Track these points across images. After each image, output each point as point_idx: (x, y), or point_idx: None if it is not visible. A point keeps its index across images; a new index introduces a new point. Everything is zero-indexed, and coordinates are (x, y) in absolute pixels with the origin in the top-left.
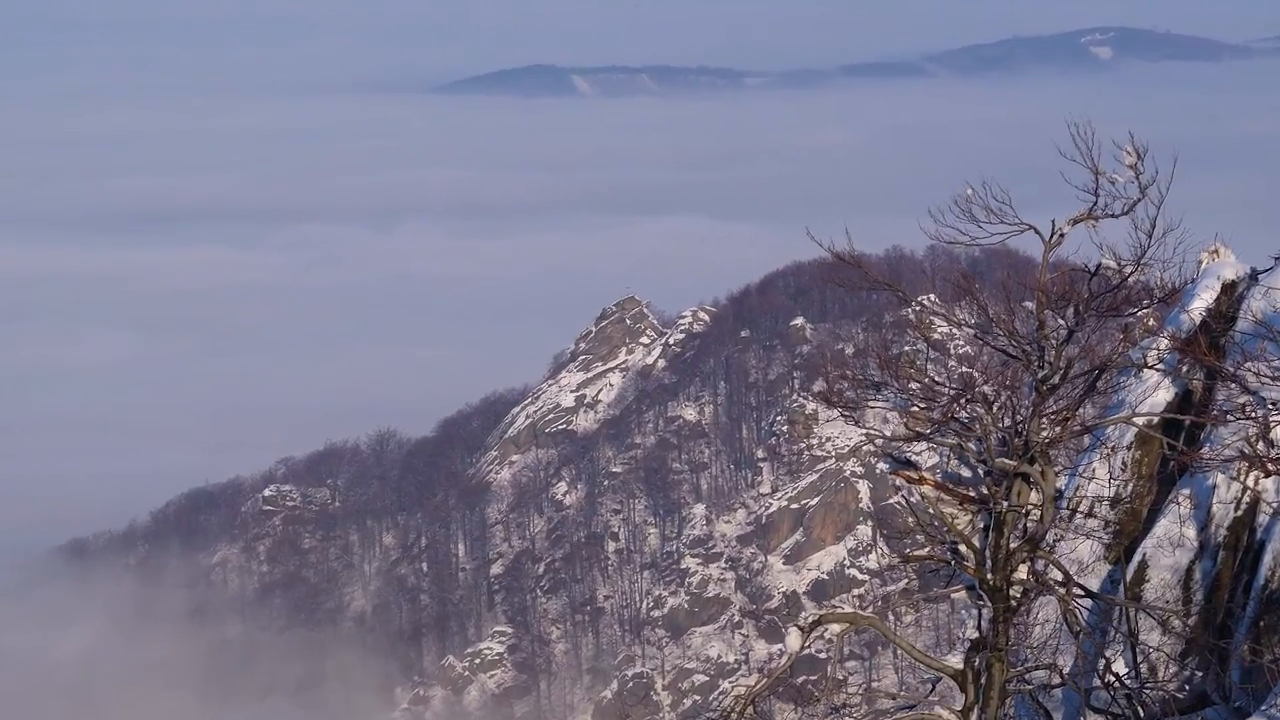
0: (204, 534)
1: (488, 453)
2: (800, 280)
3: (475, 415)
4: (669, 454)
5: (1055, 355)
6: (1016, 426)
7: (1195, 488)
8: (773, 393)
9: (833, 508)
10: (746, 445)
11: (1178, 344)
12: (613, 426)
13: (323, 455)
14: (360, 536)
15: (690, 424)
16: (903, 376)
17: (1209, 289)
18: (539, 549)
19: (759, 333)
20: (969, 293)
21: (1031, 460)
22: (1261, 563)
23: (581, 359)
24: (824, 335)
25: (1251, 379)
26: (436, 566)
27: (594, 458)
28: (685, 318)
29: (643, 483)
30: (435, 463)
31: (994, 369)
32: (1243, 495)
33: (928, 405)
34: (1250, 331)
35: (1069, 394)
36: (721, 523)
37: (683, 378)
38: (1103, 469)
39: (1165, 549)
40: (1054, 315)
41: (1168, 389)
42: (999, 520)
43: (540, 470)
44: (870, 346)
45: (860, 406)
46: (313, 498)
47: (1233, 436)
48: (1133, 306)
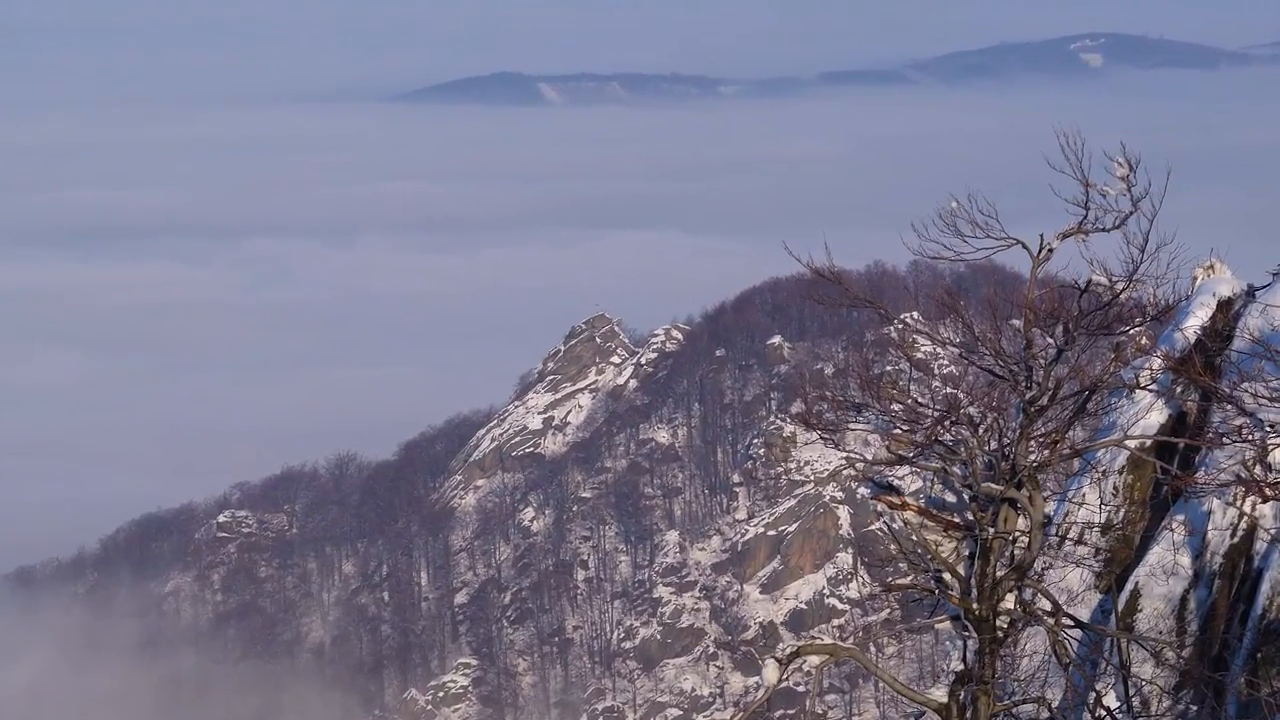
0: (156, 562)
1: (451, 477)
2: (778, 297)
3: (438, 438)
4: (641, 478)
5: (1044, 375)
6: (1003, 450)
7: (1190, 513)
8: (749, 414)
9: (811, 534)
10: (722, 469)
11: (1171, 364)
12: (582, 450)
13: (279, 480)
14: (319, 564)
15: (663, 447)
16: (885, 397)
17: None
18: (505, 577)
19: (735, 352)
20: (954, 310)
21: (1019, 485)
22: (1259, 592)
23: (549, 379)
24: (802, 354)
25: (1248, 400)
26: (398, 596)
27: (562, 482)
28: (658, 336)
29: (613, 508)
30: (397, 487)
31: (980, 390)
32: (1239, 521)
33: (911, 427)
34: (1247, 350)
35: (1058, 416)
36: (695, 550)
37: (655, 399)
38: (1093, 494)
39: (1158, 577)
40: (1042, 334)
41: (1161, 410)
42: (985, 547)
43: (506, 495)
44: (851, 366)
45: (840, 429)
46: (269, 524)
47: (1229, 460)
48: (1124, 324)
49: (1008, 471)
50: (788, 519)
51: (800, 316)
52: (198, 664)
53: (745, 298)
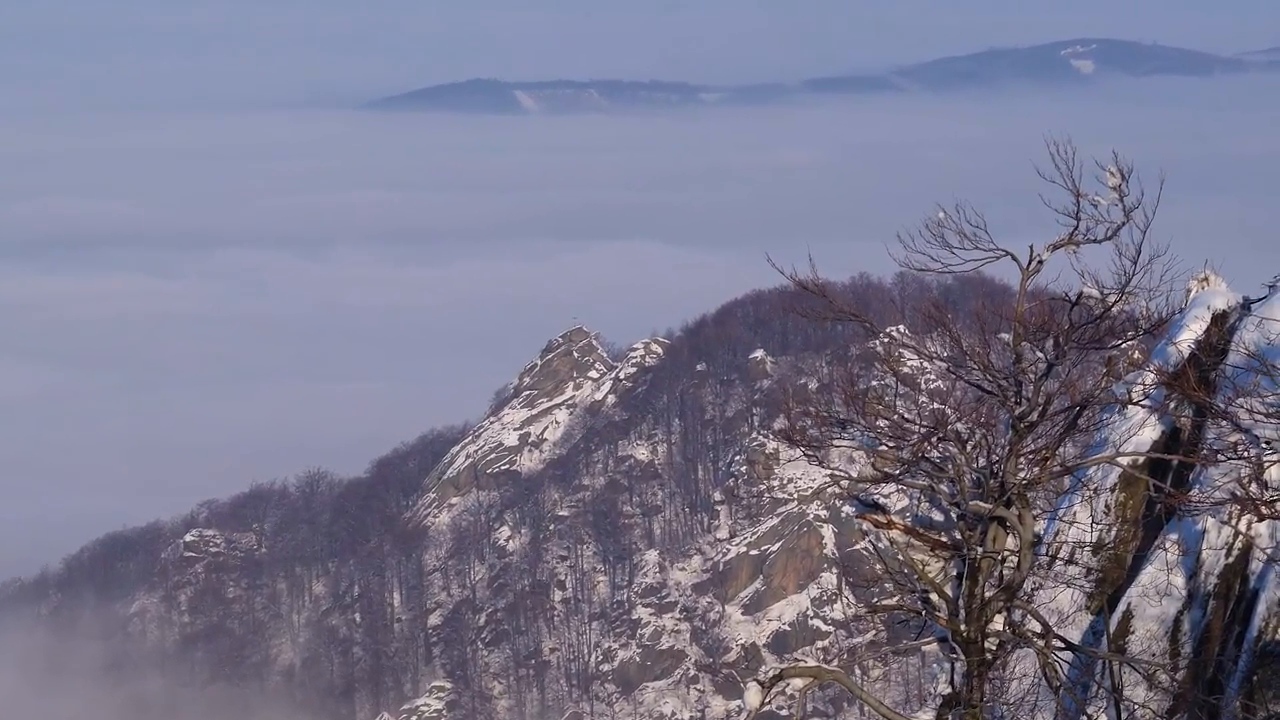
0: (121, 582)
1: (425, 495)
2: (760, 310)
3: (412, 455)
4: (619, 496)
5: (1033, 391)
6: (992, 467)
7: (1183, 533)
8: (731, 431)
9: (795, 554)
10: (703, 487)
11: (1165, 378)
12: (559, 467)
13: (248, 498)
14: (289, 585)
15: (642, 464)
16: (870, 413)
17: (1198, 319)
18: (480, 598)
19: (716, 366)
20: (941, 323)
21: (1008, 503)
22: (1255, 613)
23: (525, 394)
24: (785, 369)
25: (1244, 416)
26: (370, 617)
27: (539, 500)
28: (637, 350)
29: (591, 527)
30: (369, 506)
31: (968, 405)
32: (1234, 541)
33: (897, 444)
34: (1242, 365)
35: (1048, 432)
36: (676, 570)
37: (634, 415)
38: (1084, 512)
39: (1151, 598)
40: (1032, 348)
41: (1154, 427)
42: (973, 567)
43: (481, 514)
44: (835, 381)
45: (825, 445)
46: (237, 543)
47: (1224, 478)
48: (1116, 338)
49: (996, 489)
50: (770, 538)
51: (783, 330)
52: (164, 687)
53: (727, 310)
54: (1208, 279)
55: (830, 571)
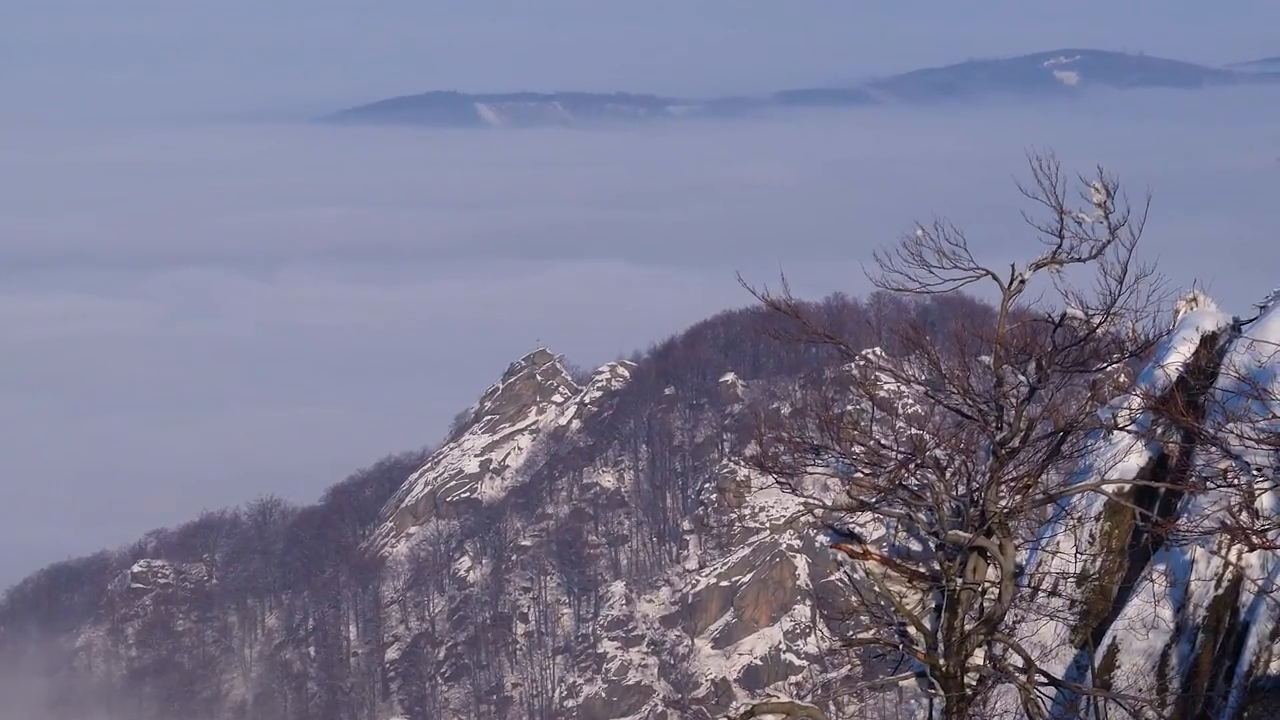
0: (66, 615)
1: (382, 524)
2: (731, 332)
3: (368, 482)
4: (584, 525)
5: (1015, 415)
6: (972, 495)
7: (1171, 563)
8: (700, 457)
9: (767, 585)
10: (671, 516)
11: (1152, 403)
12: (522, 495)
13: (198, 527)
14: (240, 617)
15: (608, 492)
16: (845, 439)
17: (1186, 341)
18: (439, 631)
19: (685, 390)
20: (919, 346)
21: (989, 532)
22: (1245, 647)
23: (487, 419)
24: (757, 393)
25: (1234, 442)
26: (325, 650)
27: (501, 530)
28: (603, 373)
29: (555, 557)
30: (324, 535)
31: (947, 431)
32: (1224, 572)
33: (873, 471)
34: (1233, 389)
35: (1030, 459)
36: (643, 602)
37: (600, 440)
38: (1068, 542)
39: (1138, 631)
40: (1014, 371)
41: (1141, 453)
42: (952, 599)
43: (441, 543)
44: (809, 405)
45: (798, 472)
46: (187, 574)
47: (1213, 506)
48: (1102, 361)
49: (976, 518)
50: (742, 569)
51: (755, 352)
52: None
53: (696, 332)
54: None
55: (804, 604)
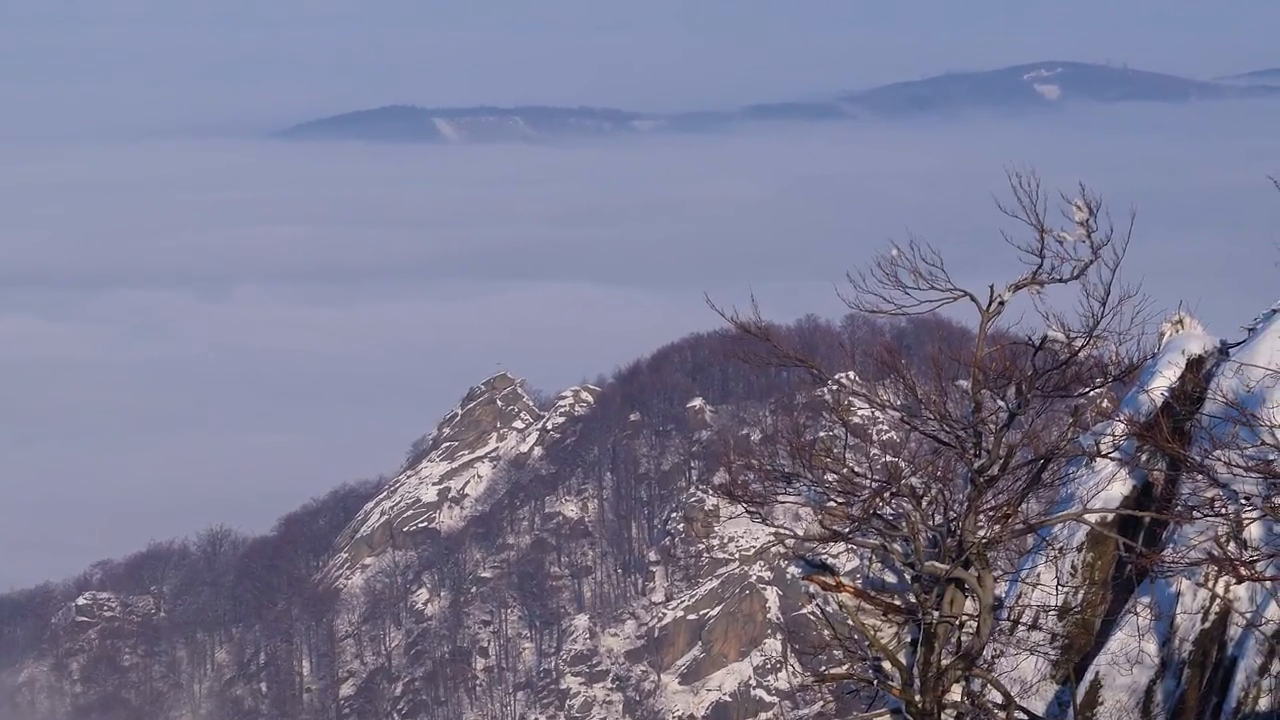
0: (7, 649)
1: (337, 555)
2: (698, 355)
3: (322, 512)
4: (546, 556)
5: (994, 442)
6: (949, 525)
7: (1156, 595)
8: (667, 485)
9: (736, 619)
10: (636, 546)
11: (1136, 429)
12: (481, 525)
13: (146, 558)
14: (189, 652)
15: (571, 522)
16: (818, 466)
17: (1172, 365)
18: (396, 666)
19: (651, 416)
20: (894, 370)
21: (966, 564)
22: (1233, 682)
23: (445, 446)
24: (726, 419)
25: (1221, 469)
26: (278, 686)
27: (460, 561)
28: (565, 398)
29: (516, 590)
30: (276, 566)
31: (923, 458)
32: (1211, 604)
33: (847, 500)
34: (1220, 414)
35: (1010, 487)
36: (607, 636)
37: (562, 468)
38: (1049, 574)
39: (1121, 666)
40: (993, 396)
41: (1124, 481)
42: (929, 633)
43: (397, 575)
44: (780, 432)
45: (768, 501)
46: (134, 607)
47: (1199, 536)
48: (1084, 386)
49: (954, 549)
50: (710, 601)
51: (724, 377)
52: None
53: (663, 356)
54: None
55: (774, 637)
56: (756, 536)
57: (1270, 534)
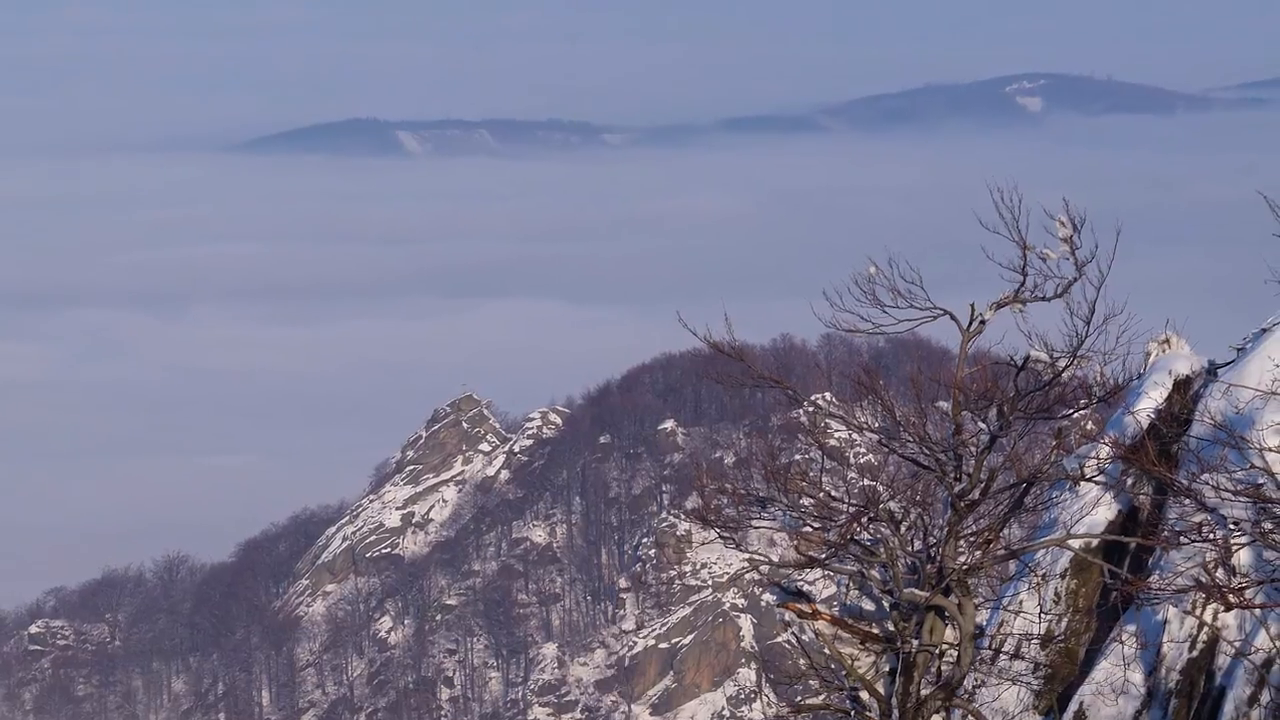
0: None
1: (297, 581)
2: (670, 376)
3: (282, 537)
4: (514, 583)
5: (975, 465)
6: (929, 550)
7: (1142, 623)
8: (638, 510)
9: (709, 647)
10: (606, 573)
11: (1121, 452)
12: (446, 550)
13: (100, 585)
14: (145, 681)
15: (539, 547)
16: (793, 490)
17: (1158, 386)
18: (359, 696)
19: (621, 438)
20: (872, 391)
21: (947, 591)
22: (1221, 713)
23: (409, 470)
24: (699, 441)
25: (1209, 493)
26: (236, 717)
27: (424, 588)
28: (533, 420)
29: (482, 617)
30: (234, 593)
31: (902, 482)
32: (1199, 633)
33: (823, 525)
34: (1208, 437)
35: (991, 512)
36: (576, 665)
37: (530, 492)
38: (1032, 601)
39: (1106, 696)
40: (974, 418)
41: (1109, 506)
42: (908, 662)
43: (360, 602)
44: (754, 455)
45: (742, 527)
46: (88, 635)
47: (1187, 563)
48: (1068, 407)
49: (934, 575)
50: (682, 630)
51: (696, 398)
52: None
53: (633, 376)
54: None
55: (748, 667)
56: (730, 563)
57: (1260, 560)
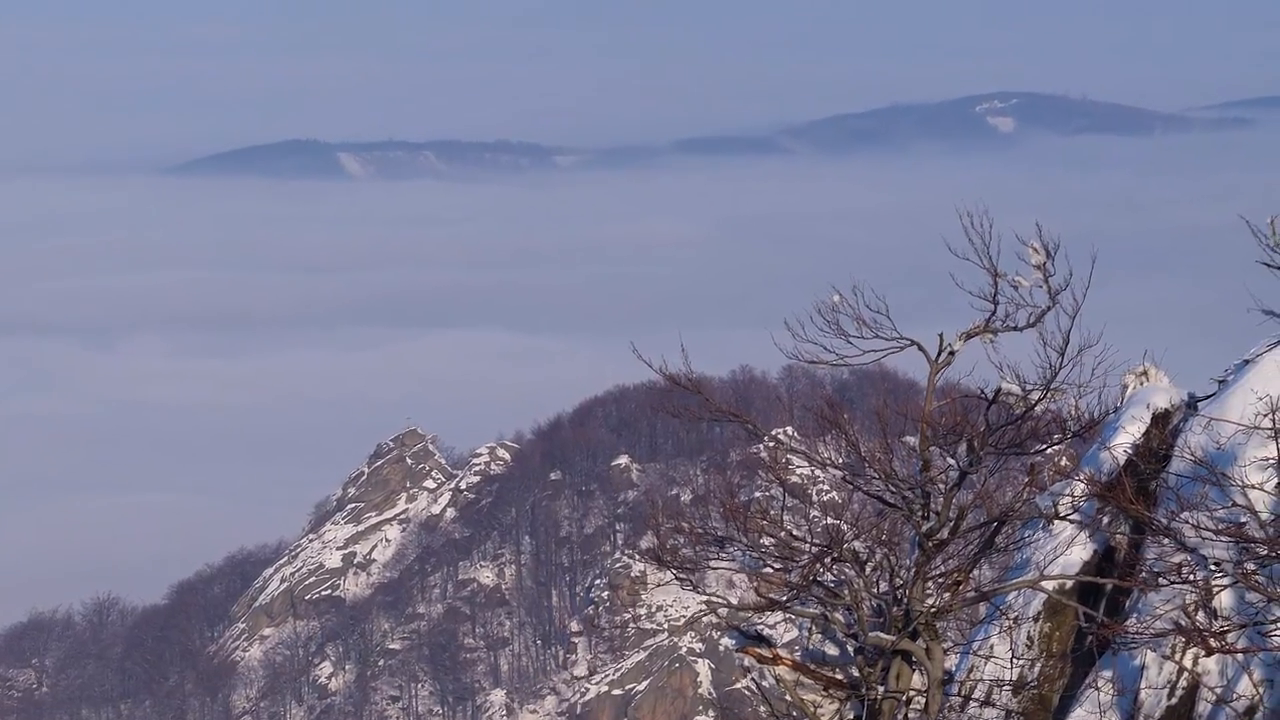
0: None
1: (233, 625)
2: (624, 409)
3: (218, 578)
4: (460, 627)
5: (944, 503)
6: (895, 593)
7: (1119, 669)
8: (590, 550)
9: (665, 693)
10: (557, 616)
11: (1097, 489)
12: (390, 592)
13: (26, 628)
14: None
15: (487, 589)
16: (753, 529)
17: (1136, 420)
18: None
19: (573, 475)
20: (836, 425)
21: (914, 635)
22: None
23: (351, 508)
24: (654, 478)
25: (1189, 533)
26: None
27: (366, 631)
28: (480, 456)
29: (427, 662)
30: (167, 637)
31: (867, 520)
32: (1178, 679)
33: (784, 566)
34: (1188, 473)
35: (961, 552)
36: (526, 713)
37: (477, 531)
38: (1003, 645)
39: None
40: (942, 453)
41: (1084, 545)
42: (873, 710)
43: (299, 647)
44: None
45: (700, 567)
46: (14, 681)
47: (1166, 605)
48: (1041, 442)
49: (900, 619)
50: (637, 675)
51: (652, 433)
52: None
53: (585, 410)
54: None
55: (706, 714)
56: (687, 605)
57: (1242, 602)
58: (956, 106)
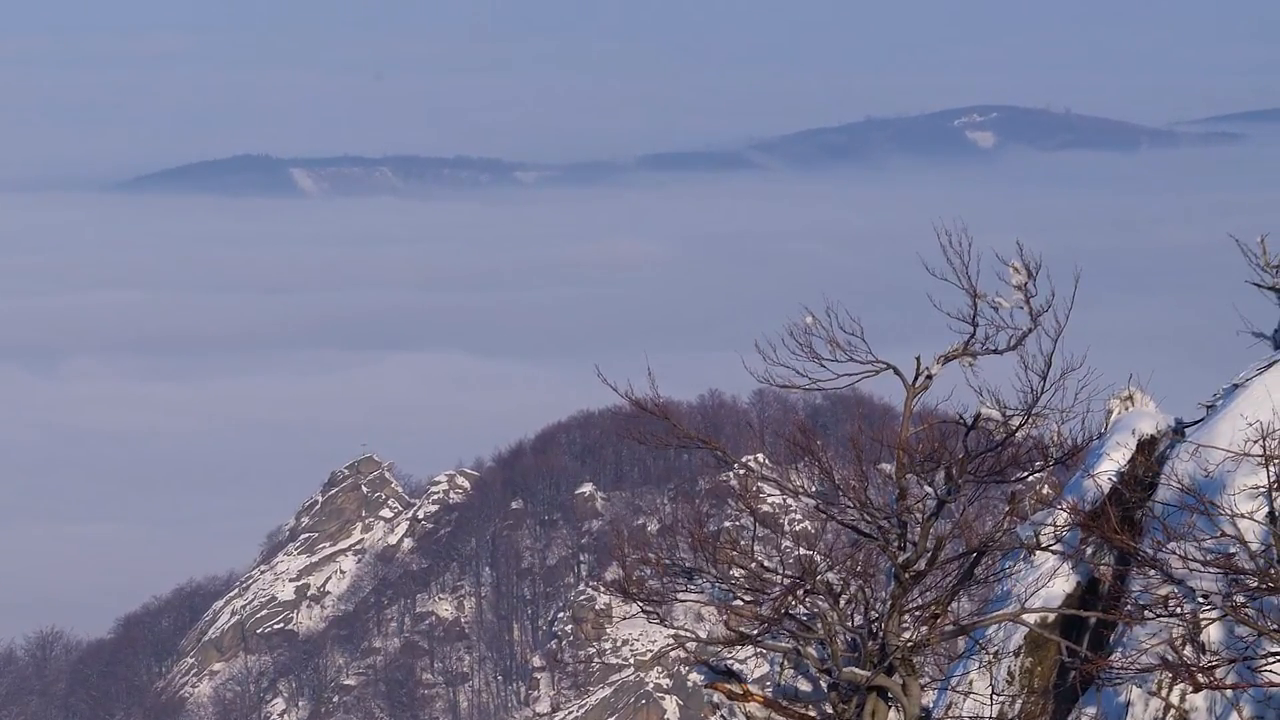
0: None
1: (182, 660)
2: (589, 435)
3: (165, 611)
4: (418, 661)
5: (921, 533)
6: (870, 626)
7: (1103, 705)
8: (553, 582)
9: None
10: (519, 650)
11: (1080, 519)
12: (345, 626)
13: None
14: None
15: (445, 622)
16: (722, 561)
17: (1121, 447)
18: None
19: (535, 504)
20: (809, 452)
21: (890, 670)
22: None
23: (304, 538)
24: (620, 507)
25: (1176, 564)
26: None
27: (320, 666)
28: (439, 484)
29: (384, 698)
30: (113, 673)
31: (841, 551)
32: (1165, 715)
33: (755, 598)
34: (1175, 502)
35: (939, 584)
36: None
37: (436, 562)
38: (983, 681)
39: None
40: (919, 481)
41: (1067, 577)
42: None
43: (250, 683)
44: (680, 521)
45: (667, 600)
46: None
47: (1152, 639)
48: (1022, 469)
49: (876, 653)
50: (601, 712)
51: (617, 459)
52: None
53: (548, 436)
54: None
55: None
56: (654, 639)
57: (1231, 636)
58: (934, 120)
